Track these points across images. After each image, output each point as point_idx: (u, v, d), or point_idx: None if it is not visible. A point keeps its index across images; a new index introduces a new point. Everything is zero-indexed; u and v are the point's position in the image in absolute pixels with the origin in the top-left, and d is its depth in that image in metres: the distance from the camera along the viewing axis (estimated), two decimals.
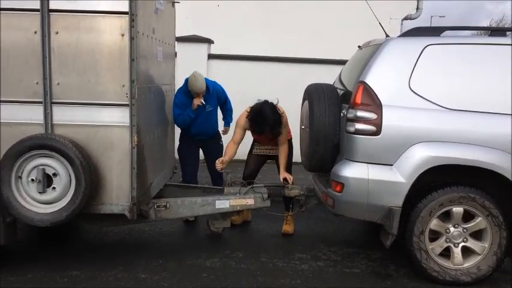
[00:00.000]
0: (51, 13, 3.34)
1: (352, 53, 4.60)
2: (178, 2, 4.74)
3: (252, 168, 4.70)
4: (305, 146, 4.14)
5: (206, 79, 4.73)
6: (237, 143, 4.54)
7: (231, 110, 5.11)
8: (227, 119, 5.16)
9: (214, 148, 5.01)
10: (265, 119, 4.21)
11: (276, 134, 4.33)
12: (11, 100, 3.42)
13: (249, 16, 9.07)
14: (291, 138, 4.68)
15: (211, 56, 7.45)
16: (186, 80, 4.63)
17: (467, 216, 3.53)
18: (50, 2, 3.33)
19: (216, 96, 4.85)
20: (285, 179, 4.37)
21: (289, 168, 4.57)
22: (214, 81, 4.92)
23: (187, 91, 4.62)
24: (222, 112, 5.14)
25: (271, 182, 4.64)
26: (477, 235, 3.56)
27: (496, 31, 3.89)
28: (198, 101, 4.60)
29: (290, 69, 7.39)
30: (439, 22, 26.78)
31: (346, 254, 4.17)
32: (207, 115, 4.79)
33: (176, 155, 5.03)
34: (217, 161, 4.47)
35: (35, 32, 3.35)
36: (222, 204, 4.09)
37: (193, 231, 4.71)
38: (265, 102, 4.32)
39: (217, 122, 5.03)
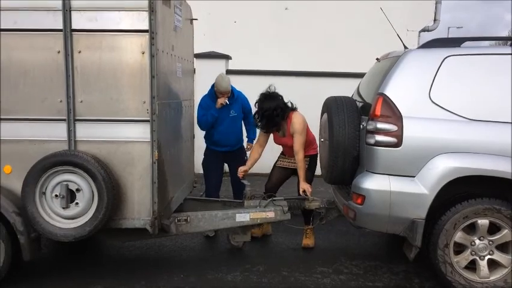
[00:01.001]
0: (73, 33, 3.43)
1: (368, 65, 4.60)
2: (196, 19, 4.82)
3: (274, 181, 4.70)
4: (325, 159, 4.13)
5: (232, 87, 4.86)
6: (261, 145, 4.65)
7: (254, 126, 5.07)
8: (250, 135, 5.20)
9: (239, 163, 5.02)
10: (262, 105, 4.34)
11: (275, 121, 4.36)
12: (36, 118, 3.50)
13: (266, 31, 9.15)
14: (316, 154, 4.65)
15: (229, 72, 7.50)
16: (212, 85, 4.79)
17: (493, 229, 3.47)
18: (73, 22, 3.42)
19: (241, 104, 4.95)
20: (304, 191, 4.36)
21: (309, 181, 4.56)
22: (240, 91, 5.03)
23: (212, 94, 4.79)
24: (245, 127, 5.19)
25: (291, 195, 4.63)
26: (503, 247, 3.49)
27: None
28: (222, 100, 4.73)
29: (308, 83, 7.40)
30: (457, 33, 26.60)
31: (368, 267, 4.12)
32: (230, 121, 4.87)
33: (196, 169, 5.07)
34: (239, 169, 4.57)
35: (59, 52, 3.44)
36: (243, 217, 4.09)
37: (213, 246, 4.71)
38: (273, 93, 4.47)
39: (241, 133, 5.09)
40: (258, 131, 4.77)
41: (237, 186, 5.08)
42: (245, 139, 5.21)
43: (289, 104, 4.48)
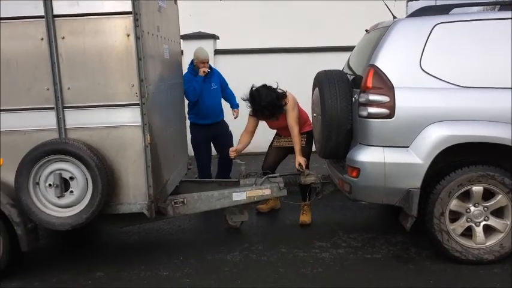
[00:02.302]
0: (55, 18, 3.34)
1: (356, 38, 4.56)
2: None
3: (270, 161, 4.70)
4: (318, 134, 4.11)
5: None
6: (249, 132, 4.61)
7: (232, 93, 5.49)
8: (233, 102, 5.48)
9: (224, 135, 5.33)
10: (260, 97, 4.28)
11: (277, 113, 4.34)
12: (23, 108, 3.44)
13: (252, 9, 9.05)
14: (312, 130, 4.61)
15: (217, 52, 7.43)
16: (190, 63, 5.06)
17: (488, 195, 3.49)
18: (54, 8, 3.33)
19: (218, 78, 5.30)
20: (300, 165, 4.36)
21: (307, 157, 4.55)
22: (216, 69, 5.35)
23: (192, 69, 5.10)
24: (227, 99, 5.48)
25: (287, 171, 4.63)
26: (498, 213, 3.52)
27: (506, 5, 3.81)
28: (205, 68, 5.01)
29: (297, 59, 7.35)
30: (444, 1, 26.42)
31: (366, 240, 4.15)
32: (212, 93, 5.18)
33: (189, 151, 5.11)
34: (230, 149, 4.57)
35: (42, 39, 3.35)
36: (239, 196, 4.09)
37: (211, 227, 4.70)
38: (263, 84, 4.41)
39: (221, 105, 5.39)
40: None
41: (224, 163, 5.33)
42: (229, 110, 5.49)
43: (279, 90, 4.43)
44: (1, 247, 3.52)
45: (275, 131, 4.80)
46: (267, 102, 4.28)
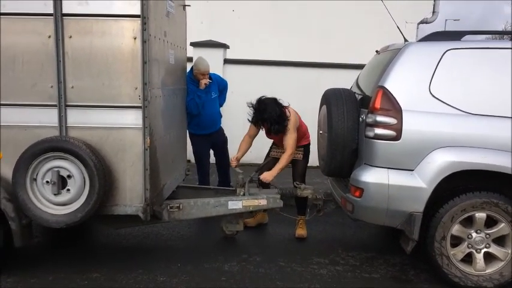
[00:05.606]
0: (64, 17, 3.36)
1: (367, 56, 4.58)
2: (189, 6, 4.76)
3: (266, 171, 4.62)
4: (323, 151, 4.11)
5: None
6: (251, 136, 4.58)
7: (224, 100, 5.44)
8: (221, 101, 5.42)
9: (221, 141, 5.32)
10: (265, 108, 4.23)
11: (275, 129, 4.26)
12: (26, 104, 3.44)
13: (264, 20, 9.07)
14: (309, 144, 4.62)
15: (227, 61, 7.45)
16: (189, 72, 4.93)
17: (490, 222, 3.47)
18: (63, 6, 3.35)
19: (216, 85, 5.19)
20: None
21: (303, 176, 4.54)
22: (212, 73, 5.20)
23: (191, 79, 4.92)
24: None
25: (286, 185, 4.60)
26: (500, 241, 3.49)
27: None
28: (206, 81, 4.92)
29: (306, 74, 7.35)
30: (454, 26, 26.49)
31: (364, 258, 4.12)
32: (213, 102, 5.11)
33: (188, 157, 5.14)
34: (231, 159, 4.54)
35: (49, 37, 3.38)
36: (235, 205, 4.07)
37: (210, 235, 4.66)
38: (273, 98, 4.35)
39: (220, 112, 5.36)
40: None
41: (221, 169, 5.37)
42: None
43: (281, 102, 4.38)
44: None
45: (272, 142, 4.77)
46: (269, 116, 4.23)
